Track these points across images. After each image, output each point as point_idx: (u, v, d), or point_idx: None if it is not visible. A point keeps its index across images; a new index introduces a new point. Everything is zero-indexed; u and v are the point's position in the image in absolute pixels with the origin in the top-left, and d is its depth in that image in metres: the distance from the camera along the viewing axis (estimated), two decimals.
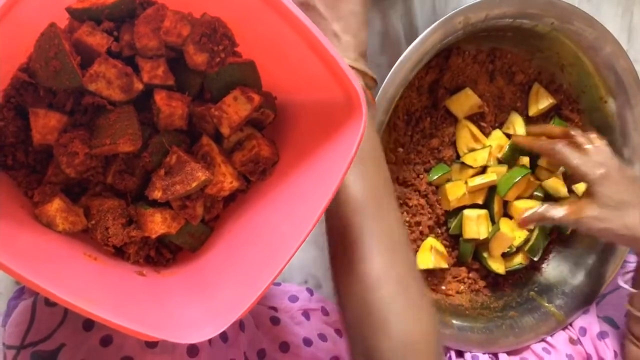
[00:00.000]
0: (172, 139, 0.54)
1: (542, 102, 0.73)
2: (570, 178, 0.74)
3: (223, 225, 0.58)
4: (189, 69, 0.53)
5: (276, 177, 0.57)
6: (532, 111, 0.74)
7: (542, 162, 0.74)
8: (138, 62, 0.52)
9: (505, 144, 0.73)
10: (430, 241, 0.71)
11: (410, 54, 0.62)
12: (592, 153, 0.65)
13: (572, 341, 0.73)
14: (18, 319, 0.56)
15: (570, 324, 0.75)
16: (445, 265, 0.72)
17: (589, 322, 0.73)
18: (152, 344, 0.54)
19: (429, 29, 0.62)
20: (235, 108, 0.53)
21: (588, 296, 0.75)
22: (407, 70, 0.62)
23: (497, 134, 0.74)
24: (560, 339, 0.73)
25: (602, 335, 0.71)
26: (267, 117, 0.57)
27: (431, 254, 0.70)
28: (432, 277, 0.74)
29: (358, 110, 0.46)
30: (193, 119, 0.55)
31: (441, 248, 0.72)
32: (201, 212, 0.55)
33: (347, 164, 0.46)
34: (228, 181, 0.54)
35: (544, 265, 0.78)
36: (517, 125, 0.73)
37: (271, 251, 0.49)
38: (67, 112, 0.51)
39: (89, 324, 0.54)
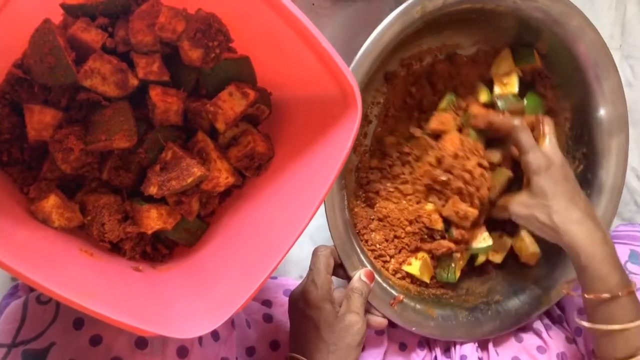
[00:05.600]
0: (168, 135, 0.54)
1: (504, 67, 0.72)
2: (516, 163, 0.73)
3: (219, 221, 0.58)
4: (184, 64, 0.53)
5: (272, 172, 0.57)
6: (492, 72, 0.73)
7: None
8: (133, 58, 0.52)
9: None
10: (424, 254, 0.72)
11: (369, 50, 0.61)
12: (543, 145, 0.66)
13: (569, 340, 0.73)
14: (10, 317, 0.56)
15: (567, 323, 0.75)
16: (427, 280, 0.72)
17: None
18: (142, 345, 0.53)
19: (385, 22, 0.61)
20: (231, 104, 0.53)
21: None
22: (368, 66, 0.62)
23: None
24: (556, 337, 0.73)
25: None
26: (262, 113, 0.57)
27: (419, 262, 0.71)
28: None
29: (353, 105, 0.46)
30: (188, 115, 0.55)
31: (429, 262, 0.72)
32: (197, 207, 0.56)
33: (342, 159, 0.46)
34: (224, 177, 0.54)
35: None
36: (482, 94, 0.72)
37: (267, 246, 0.49)
38: (62, 108, 0.51)
39: (79, 323, 0.54)
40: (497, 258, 0.75)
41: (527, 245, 0.74)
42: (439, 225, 0.69)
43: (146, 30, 0.51)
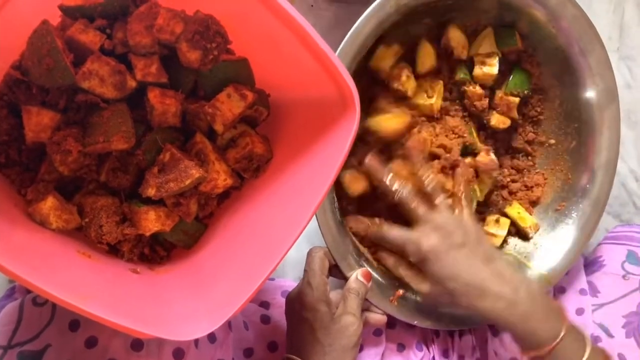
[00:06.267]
0: (166, 137, 0.54)
1: (485, 47, 0.72)
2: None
3: (217, 223, 0.58)
4: (182, 66, 0.53)
5: (270, 174, 0.57)
6: (472, 51, 0.72)
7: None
8: (131, 59, 0.52)
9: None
10: None
11: (347, 48, 0.61)
12: (462, 212, 0.62)
13: None
14: (5, 319, 0.56)
15: None
16: None
17: (583, 324, 0.73)
18: (137, 347, 0.53)
19: (360, 20, 0.61)
20: (229, 105, 0.53)
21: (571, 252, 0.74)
22: (348, 63, 0.62)
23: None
24: None
25: (595, 340, 0.71)
26: (260, 115, 0.57)
27: None
28: None
29: (351, 107, 0.46)
30: (187, 117, 0.55)
31: None
32: (195, 209, 0.55)
33: (340, 161, 0.46)
34: (222, 178, 0.54)
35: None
36: (459, 72, 0.71)
37: (266, 248, 0.49)
38: (60, 110, 0.51)
39: (74, 325, 0.54)
40: (496, 242, 0.75)
41: (526, 218, 0.74)
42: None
43: (144, 32, 0.51)
